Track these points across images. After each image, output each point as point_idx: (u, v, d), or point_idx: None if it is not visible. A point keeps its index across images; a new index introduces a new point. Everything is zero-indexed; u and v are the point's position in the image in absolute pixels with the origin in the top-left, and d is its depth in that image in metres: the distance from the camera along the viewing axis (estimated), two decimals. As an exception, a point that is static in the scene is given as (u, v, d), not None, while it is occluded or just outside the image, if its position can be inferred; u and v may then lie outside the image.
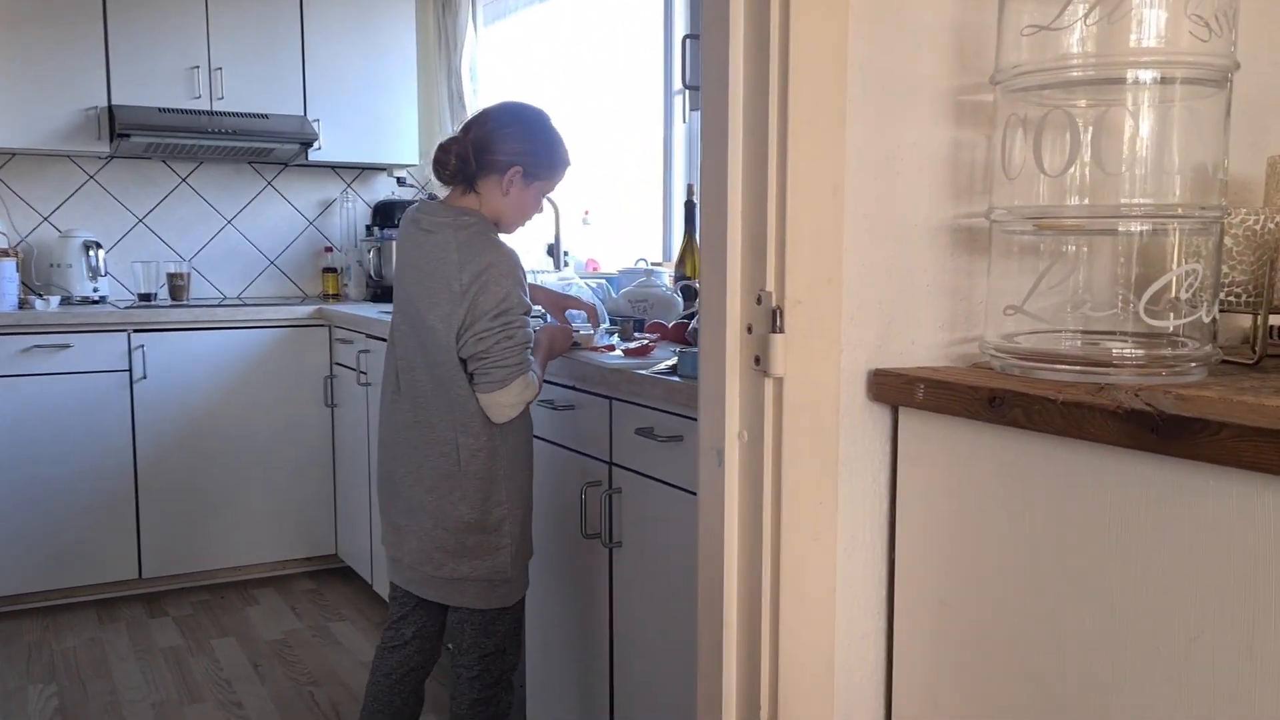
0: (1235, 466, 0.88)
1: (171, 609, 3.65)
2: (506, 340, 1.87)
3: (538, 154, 1.97)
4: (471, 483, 1.95)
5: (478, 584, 1.99)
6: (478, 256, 1.88)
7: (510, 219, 2.01)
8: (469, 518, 1.95)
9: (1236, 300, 1.25)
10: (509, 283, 1.88)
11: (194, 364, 3.70)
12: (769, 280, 1.16)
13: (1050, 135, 1.14)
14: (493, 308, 1.86)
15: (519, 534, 2.01)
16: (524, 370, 1.90)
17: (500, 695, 2.05)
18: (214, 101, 3.93)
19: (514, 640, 2.07)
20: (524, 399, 1.92)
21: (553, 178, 2.02)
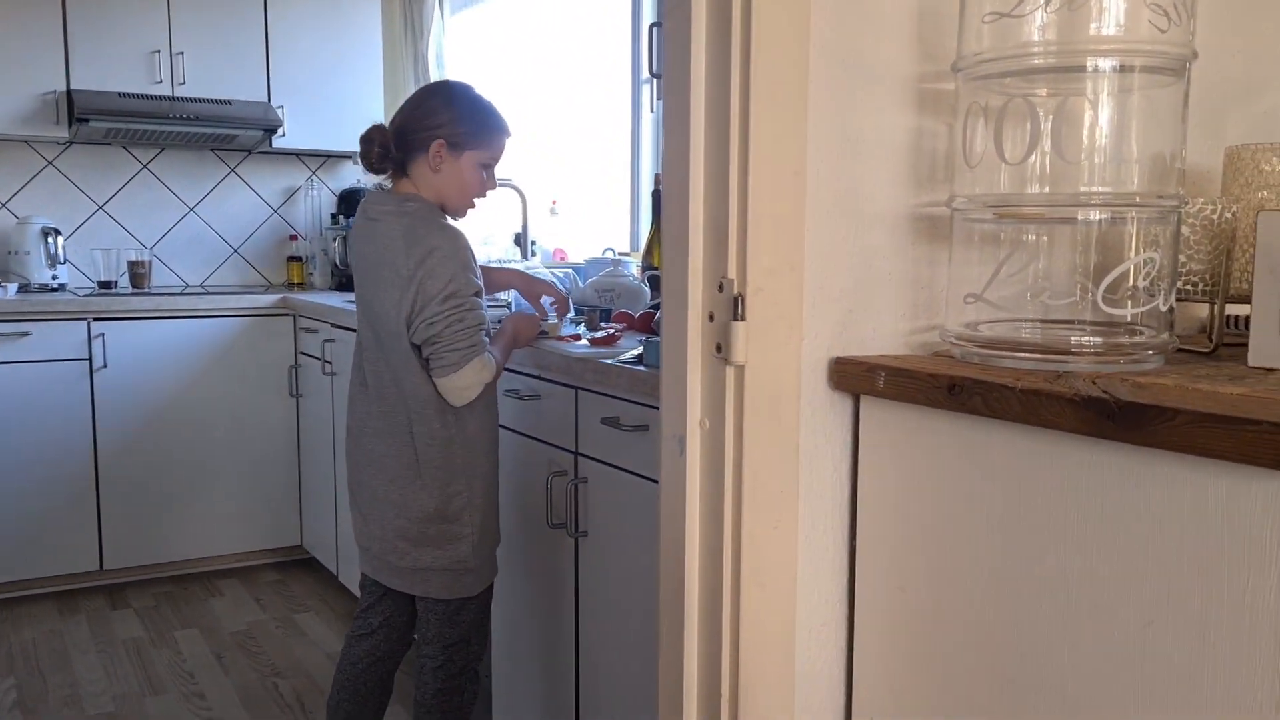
0: (1189, 453, 0.89)
1: (134, 600, 3.60)
2: (458, 323, 1.85)
3: (458, 122, 1.92)
4: (430, 472, 1.94)
5: (440, 573, 1.98)
6: (422, 241, 1.86)
7: (451, 197, 1.95)
8: (429, 507, 1.94)
9: (1194, 289, 1.26)
10: (454, 265, 1.86)
11: (156, 353, 3.65)
12: (730, 267, 1.15)
13: (1011, 124, 1.14)
14: (439, 291, 1.84)
15: (480, 523, 1.99)
16: (478, 352, 1.88)
17: (464, 685, 2.04)
18: (175, 86, 3.87)
19: (479, 630, 2.05)
20: (480, 380, 1.90)
21: (484, 145, 1.94)
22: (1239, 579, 0.87)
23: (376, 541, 2.00)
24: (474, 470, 1.98)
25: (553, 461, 2.15)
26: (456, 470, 1.95)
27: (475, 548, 1.98)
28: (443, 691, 2.02)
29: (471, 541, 1.98)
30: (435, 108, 1.92)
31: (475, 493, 1.98)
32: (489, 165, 1.97)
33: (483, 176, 1.97)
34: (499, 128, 1.97)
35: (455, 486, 1.95)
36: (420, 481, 1.94)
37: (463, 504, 1.96)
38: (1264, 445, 0.83)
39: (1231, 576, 0.88)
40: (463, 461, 1.96)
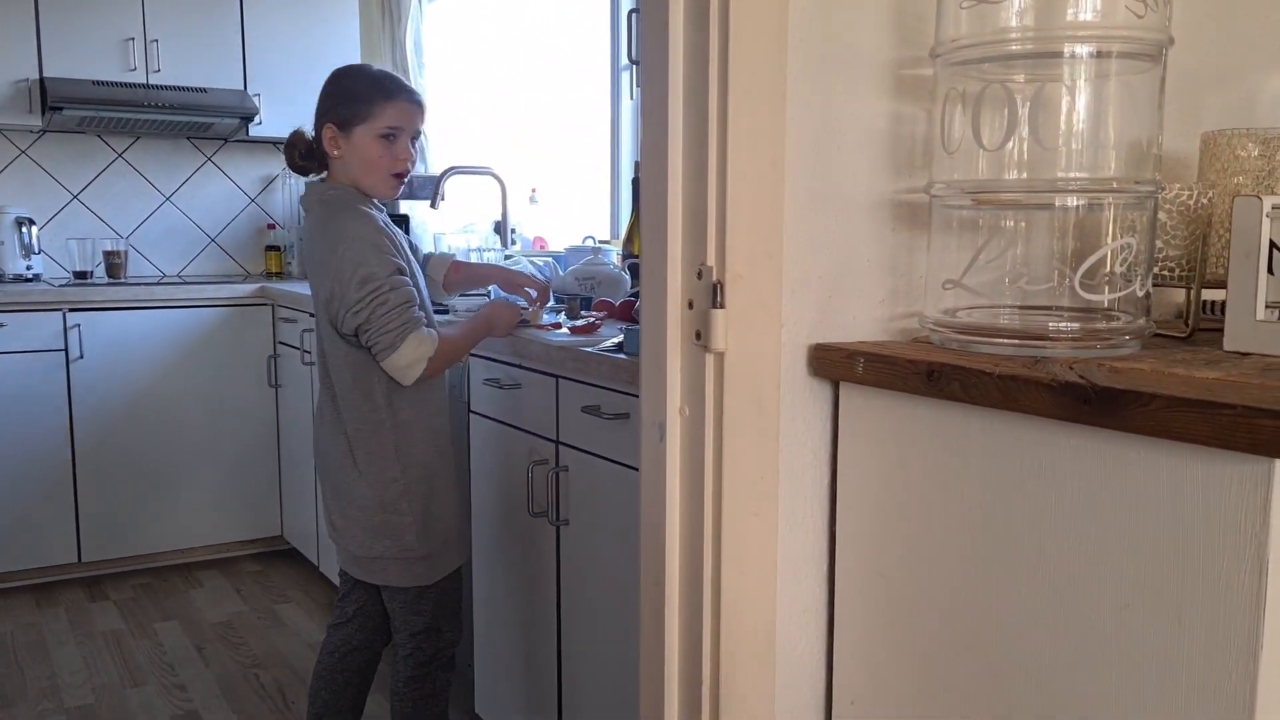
0: (1165, 437, 0.89)
1: (112, 592, 3.58)
2: (381, 306, 1.84)
3: (339, 102, 1.92)
4: (363, 459, 1.94)
5: (392, 562, 1.97)
6: (332, 230, 1.88)
7: (360, 177, 1.93)
8: (368, 495, 1.94)
9: (1170, 275, 1.27)
10: (364, 249, 1.85)
11: (133, 344, 3.62)
12: (709, 255, 1.15)
13: (989, 110, 1.14)
14: (354, 277, 1.83)
15: (422, 510, 1.96)
16: (413, 327, 1.86)
17: (434, 673, 2.03)
18: (150, 74, 3.83)
19: (448, 618, 2.04)
20: (422, 354, 1.87)
21: (370, 116, 1.90)
22: (1214, 562, 0.88)
23: (337, 531, 2.02)
24: (411, 458, 1.95)
25: (533, 450, 2.15)
26: (389, 457, 1.94)
27: (420, 536, 1.96)
28: (413, 680, 2.02)
29: (415, 530, 1.95)
30: (322, 97, 1.95)
31: (412, 479, 1.95)
32: (390, 135, 1.91)
33: (384, 148, 1.91)
34: (382, 95, 1.91)
35: (390, 474, 1.94)
36: (357, 470, 1.95)
37: (399, 491, 1.95)
38: (1238, 429, 0.83)
39: (1206, 560, 0.89)
40: (395, 448, 1.94)
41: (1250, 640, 0.86)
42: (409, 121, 1.94)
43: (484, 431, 2.36)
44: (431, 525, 1.99)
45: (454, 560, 2.05)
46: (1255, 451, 0.83)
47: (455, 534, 2.05)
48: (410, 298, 1.88)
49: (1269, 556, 0.85)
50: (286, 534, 3.90)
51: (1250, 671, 0.86)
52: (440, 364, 1.92)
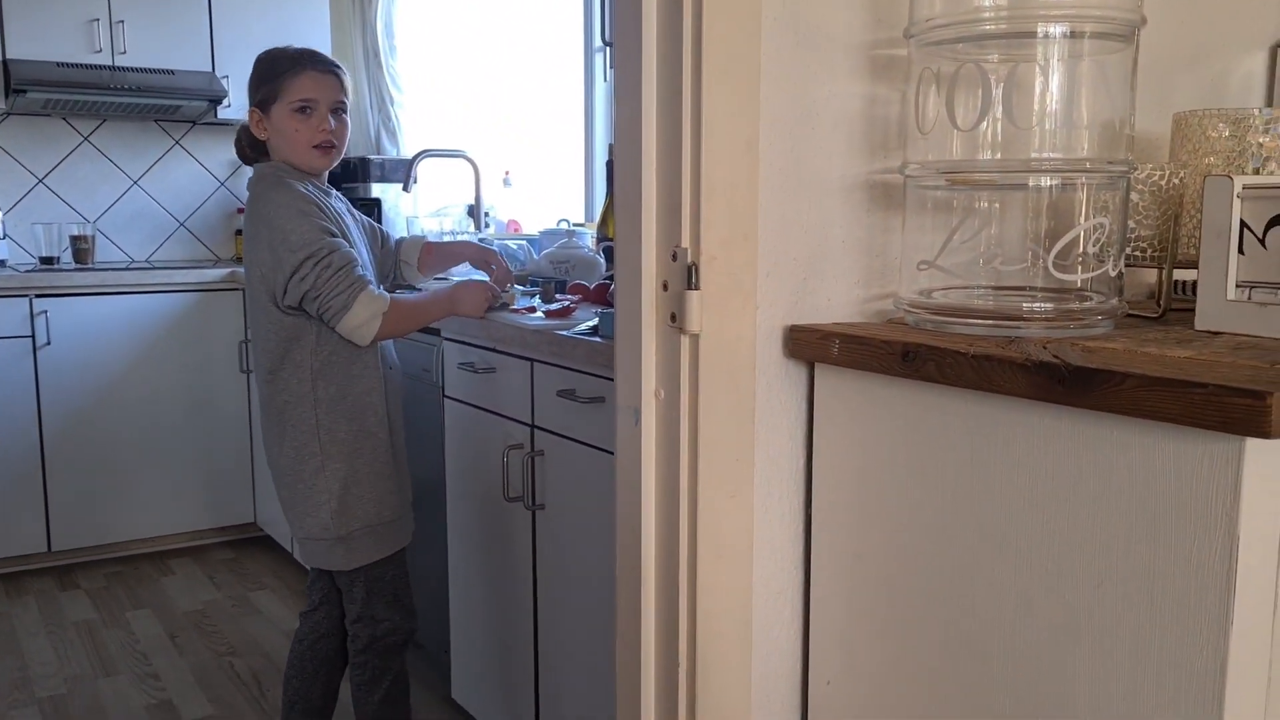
0: (1138, 416, 0.90)
1: (83, 582, 3.54)
2: (325, 270, 1.84)
3: (255, 82, 1.96)
4: (290, 434, 1.94)
5: (313, 542, 1.97)
6: (261, 204, 1.90)
7: (287, 153, 1.94)
8: (283, 465, 1.96)
9: (1142, 255, 1.28)
10: (291, 218, 1.85)
11: (101, 330, 3.57)
12: (684, 236, 1.14)
13: (963, 90, 1.14)
14: (290, 246, 1.84)
15: (339, 490, 1.94)
16: (361, 286, 1.86)
17: (372, 661, 2.00)
18: (116, 56, 3.77)
19: (384, 605, 2.00)
20: (376, 309, 1.87)
21: (281, 92, 1.91)
22: (1186, 539, 0.89)
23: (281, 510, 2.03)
24: (332, 435, 1.93)
25: (509, 435, 2.14)
26: (309, 433, 1.93)
27: (336, 517, 1.93)
28: (354, 666, 2.02)
29: (330, 510, 1.93)
30: (249, 81, 1.98)
31: (331, 458, 1.93)
32: (305, 107, 1.92)
33: (300, 121, 1.92)
34: (285, 69, 1.92)
35: (309, 449, 1.93)
36: (280, 445, 1.97)
37: (315, 467, 1.93)
38: (1209, 407, 0.84)
39: (1179, 537, 0.89)
40: (316, 424, 1.93)
41: (1221, 616, 0.87)
42: (322, 92, 1.93)
43: (459, 416, 2.35)
44: (350, 507, 1.94)
45: (377, 548, 1.98)
46: (1226, 430, 0.84)
47: (382, 521, 1.98)
48: (352, 259, 1.88)
49: (1239, 533, 0.85)
50: (260, 520, 3.88)
51: (1221, 647, 0.87)
52: (395, 324, 1.92)
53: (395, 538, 2.02)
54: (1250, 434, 0.83)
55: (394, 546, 2.02)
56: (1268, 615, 0.89)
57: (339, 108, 1.96)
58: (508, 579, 2.20)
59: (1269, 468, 0.86)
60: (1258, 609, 0.88)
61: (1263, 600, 0.88)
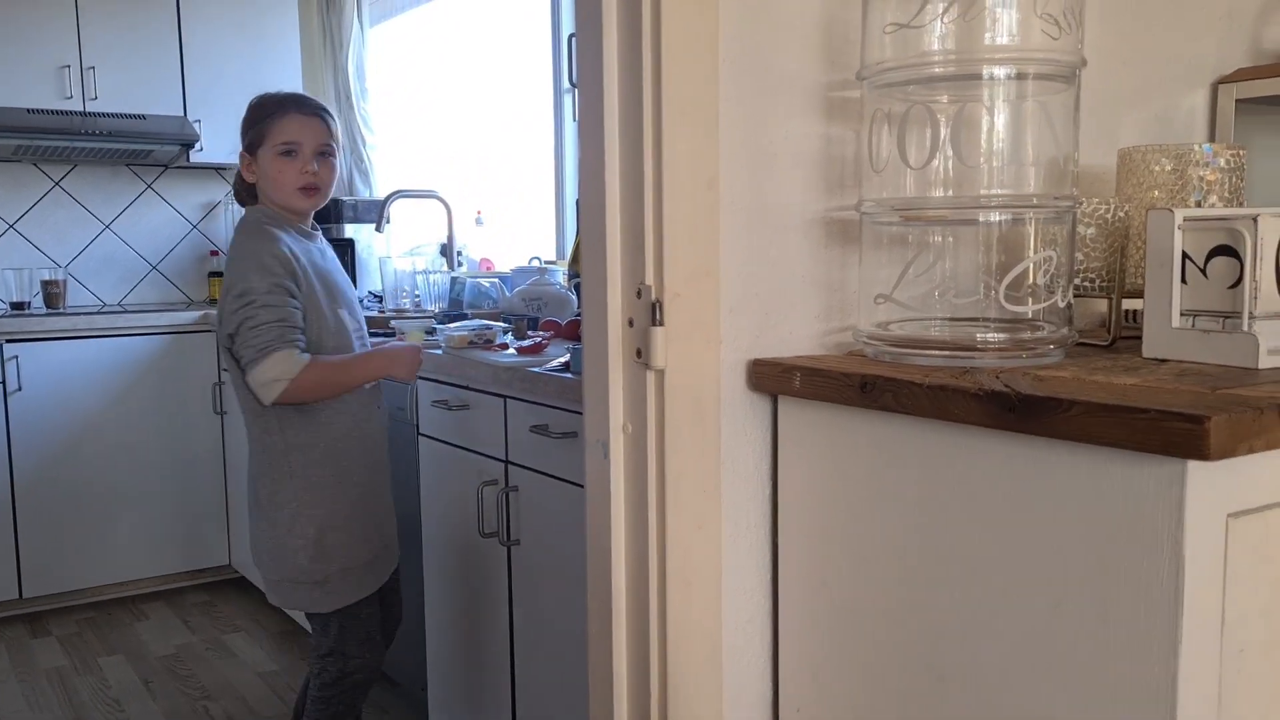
0: (1085, 442, 0.93)
1: (55, 628, 3.51)
2: (250, 320, 1.84)
3: (244, 130, 2.00)
4: (263, 479, 1.96)
5: (290, 585, 1.97)
6: (235, 248, 1.94)
7: (273, 195, 1.97)
8: (262, 516, 1.97)
9: (1092, 285, 1.32)
10: (248, 264, 1.88)
11: (73, 374, 3.56)
12: (648, 274, 1.17)
13: (913, 130, 1.18)
14: (233, 290, 1.87)
15: (315, 535, 1.93)
16: (278, 346, 1.83)
17: (337, 696, 2.01)
18: (87, 102, 3.79)
19: (356, 643, 2.00)
20: (283, 374, 1.83)
21: (267, 135, 1.95)
22: (1135, 560, 0.92)
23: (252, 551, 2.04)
24: (306, 480, 1.93)
25: (483, 470, 2.15)
26: (284, 476, 1.93)
27: (314, 561, 1.94)
28: (317, 700, 2.02)
29: (308, 554, 1.93)
30: (241, 125, 2.02)
31: (305, 503, 1.93)
32: (289, 150, 1.94)
33: (285, 163, 1.94)
34: (271, 112, 1.96)
35: (284, 495, 1.93)
36: (255, 491, 1.98)
37: (292, 513, 1.93)
38: (1152, 432, 0.87)
39: (1128, 558, 0.92)
40: (289, 470, 1.93)
41: (1170, 634, 0.90)
42: (306, 134, 1.95)
43: (433, 454, 2.36)
44: (327, 551, 1.95)
45: (355, 590, 1.98)
46: (1168, 453, 0.87)
47: (360, 563, 1.99)
48: (285, 317, 1.85)
49: (1185, 554, 0.89)
50: (234, 563, 3.85)
51: (1171, 664, 0.90)
52: (310, 388, 1.88)
53: (373, 578, 2.02)
54: (1191, 456, 0.86)
55: (371, 587, 2.02)
56: (1215, 631, 0.92)
57: (325, 150, 1.98)
58: (484, 615, 2.20)
59: (1211, 489, 0.89)
60: (1205, 626, 0.91)
61: (1210, 617, 0.91)
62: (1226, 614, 0.92)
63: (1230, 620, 0.93)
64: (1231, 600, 0.92)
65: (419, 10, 4.11)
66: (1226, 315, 1.12)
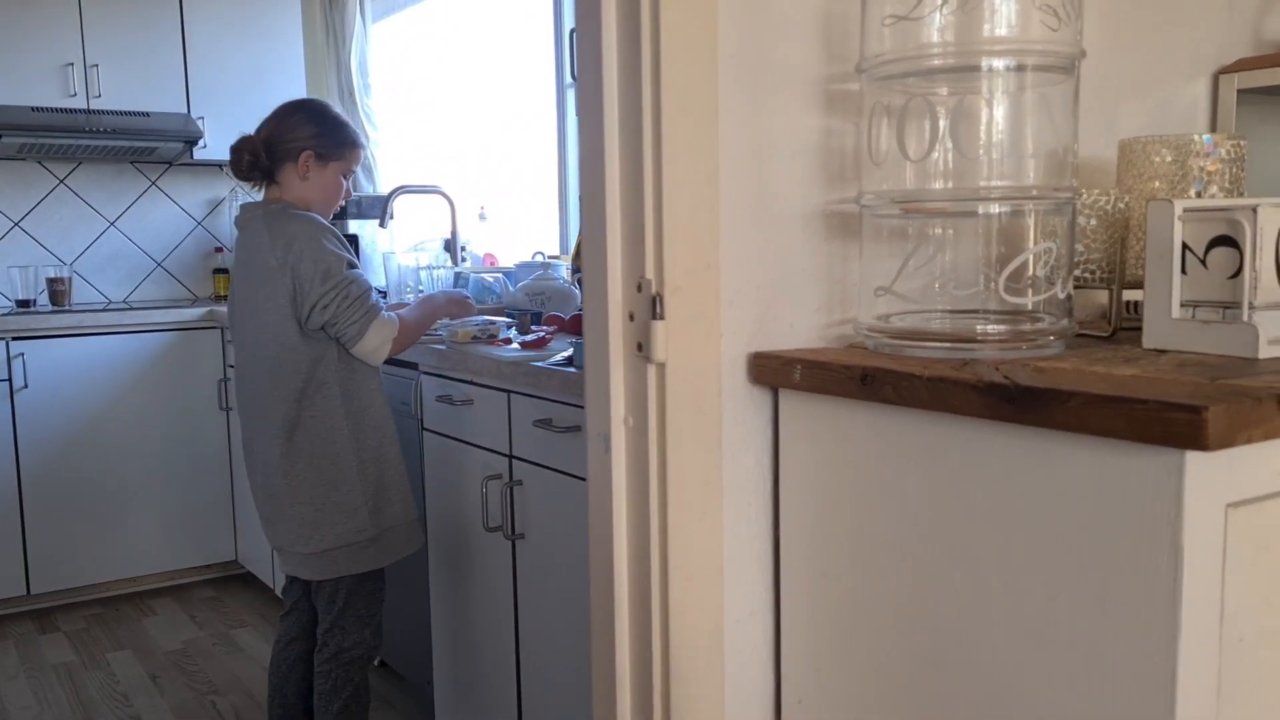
0: (1085, 433, 0.93)
1: (63, 624, 3.52)
2: (344, 299, 1.99)
3: (325, 135, 2.10)
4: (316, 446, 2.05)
5: (337, 551, 2.07)
6: (282, 232, 2.01)
7: (315, 202, 2.11)
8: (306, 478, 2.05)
9: (1093, 277, 1.32)
10: (316, 246, 1.99)
11: (79, 371, 3.57)
12: (648, 268, 1.18)
13: (912, 122, 1.18)
14: (314, 274, 1.98)
15: (374, 491, 2.08)
16: (374, 314, 2.02)
17: (335, 671, 2.11)
18: (91, 99, 3.80)
19: (355, 620, 2.11)
20: (387, 336, 2.03)
21: (346, 157, 2.12)
22: (1133, 551, 0.92)
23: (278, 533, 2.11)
24: (364, 444, 2.08)
25: (487, 465, 2.16)
26: (341, 442, 2.06)
27: (372, 516, 2.07)
28: (318, 675, 2.12)
29: (367, 511, 2.06)
30: (301, 121, 2.09)
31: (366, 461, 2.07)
32: (348, 174, 2.16)
33: (343, 184, 2.15)
34: (357, 142, 2.16)
35: (344, 459, 2.06)
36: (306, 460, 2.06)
37: (355, 472, 2.07)
38: (1152, 422, 0.88)
39: (1126, 549, 0.93)
40: (348, 434, 2.06)
41: (1169, 623, 0.90)
42: (357, 166, 2.20)
43: (438, 448, 2.37)
44: (383, 507, 2.09)
45: (402, 547, 2.13)
46: (1167, 444, 0.87)
47: (410, 519, 2.15)
48: (367, 287, 2.03)
49: (1184, 543, 0.89)
50: (241, 558, 3.87)
51: (1170, 654, 0.90)
52: (403, 343, 2.09)
53: (417, 536, 2.17)
54: (1190, 447, 0.86)
55: (417, 544, 2.17)
56: (1214, 621, 0.92)
57: None
58: (489, 609, 2.21)
59: (1209, 478, 0.90)
60: (1204, 615, 0.91)
61: (1209, 607, 0.92)
62: (1226, 604, 0.93)
63: (1230, 610, 0.93)
64: (1231, 590, 0.93)
65: (421, 6, 4.11)
66: (1226, 305, 1.12)
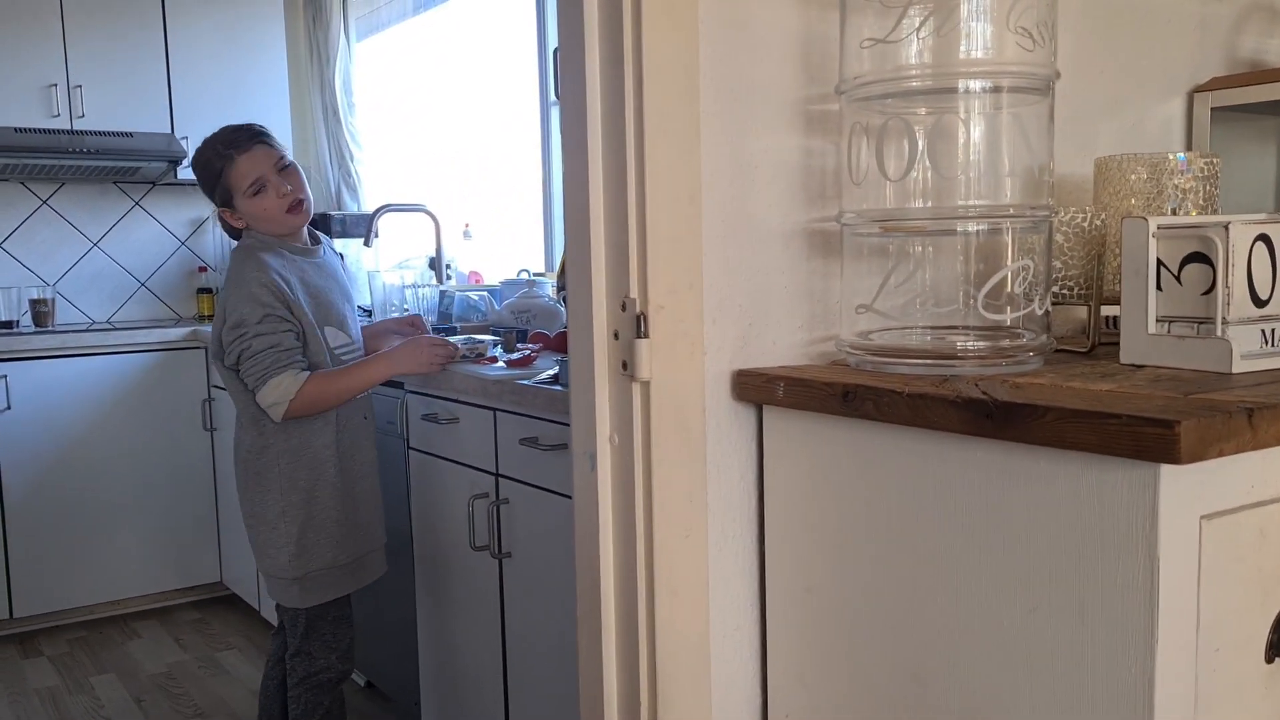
0: (1061, 447, 0.95)
1: (46, 648, 3.50)
2: (246, 350, 1.97)
3: (206, 188, 2.09)
4: (247, 474, 2.08)
5: (270, 579, 2.09)
6: (229, 277, 2.04)
7: (266, 229, 2.06)
8: (246, 507, 2.09)
9: (1071, 293, 1.34)
10: (238, 296, 1.97)
11: (62, 392, 3.56)
12: (633, 287, 1.19)
13: (891, 142, 1.20)
14: (229, 322, 1.98)
15: (299, 537, 2.04)
16: (275, 371, 1.96)
17: (304, 695, 2.10)
18: (74, 120, 3.79)
19: (322, 645, 2.10)
20: (281, 396, 1.96)
21: (232, 182, 2.03)
22: (1110, 564, 0.94)
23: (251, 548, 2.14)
24: (291, 481, 2.05)
25: (474, 484, 2.16)
26: (270, 476, 2.05)
27: (294, 560, 2.04)
28: (290, 699, 2.13)
29: (289, 553, 2.04)
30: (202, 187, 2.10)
31: (292, 505, 2.04)
32: (258, 184, 2.02)
33: (263, 198, 2.03)
34: (221, 167, 2.03)
35: (270, 496, 2.05)
36: (242, 486, 2.09)
37: (277, 512, 2.05)
38: (1125, 436, 0.89)
39: (1103, 560, 0.94)
40: (280, 470, 2.04)
41: (1147, 635, 0.92)
42: (260, 164, 2.03)
43: (423, 467, 2.37)
44: (307, 550, 2.05)
45: (331, 589, 2.09)
46: (1141, 457, 0.89)
47: (338, 564, 2.09)
48: (277, 343, 1.97)
49: (1159, 554, 0.90)
50: (226, 580, 3.85)
51: (1148, 664, 0.92)
52: (309, 404, 1.99)
53: (350, 580, 2.13)
54: (1163, 460, 0.88)
55: (349, 588, 2.13)
56: (1190, 631, 0.94)
57: (282, 166, 2.05)
58: (476, 628, 2.21)
59: (1183, 491, 0.91)
60: (1181, 625, 0.93)
61: (1185, 617, 0.93)
62: (1202, 614, 0.94)
63: (1205, 620, 0.94)
64: (1206, 600, 0.94)
65: (406, 25, 4.13)
66: (1200, 321, 1.14)
